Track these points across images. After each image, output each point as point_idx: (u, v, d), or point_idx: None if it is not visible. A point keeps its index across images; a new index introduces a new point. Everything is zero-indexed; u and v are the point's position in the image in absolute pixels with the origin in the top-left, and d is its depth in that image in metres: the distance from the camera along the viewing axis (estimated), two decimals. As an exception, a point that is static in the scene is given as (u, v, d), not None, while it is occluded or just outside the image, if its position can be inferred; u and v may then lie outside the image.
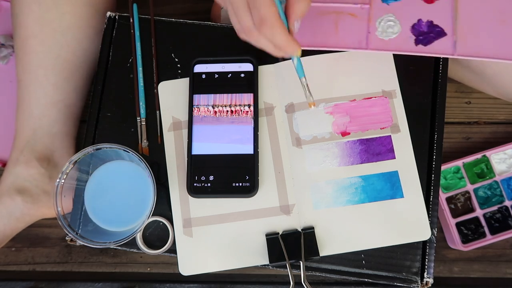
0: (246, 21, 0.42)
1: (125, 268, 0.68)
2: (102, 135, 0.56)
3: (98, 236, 0.50)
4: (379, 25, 0.52)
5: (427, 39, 0.51)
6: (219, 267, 0.52)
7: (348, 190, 0.52)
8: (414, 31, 0.51)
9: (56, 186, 0.49)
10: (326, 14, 0.53)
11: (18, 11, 0.58)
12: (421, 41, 0.51)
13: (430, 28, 0.51)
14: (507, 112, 0.71)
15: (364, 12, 0.53)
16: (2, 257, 0.68)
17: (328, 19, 0.53)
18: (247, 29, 0.43)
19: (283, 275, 0.67)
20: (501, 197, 0.65)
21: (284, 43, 0.43)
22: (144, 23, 0.58)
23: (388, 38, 0.52)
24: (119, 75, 0.57)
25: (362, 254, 0.52)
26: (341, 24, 0.53)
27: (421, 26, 0.51)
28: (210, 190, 0.51)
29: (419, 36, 0.51)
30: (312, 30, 0.53)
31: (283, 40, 0.43)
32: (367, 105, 0.54)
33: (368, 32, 0.52)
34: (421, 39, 0.51)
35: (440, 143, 0.54)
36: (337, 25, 0.52)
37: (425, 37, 0.51)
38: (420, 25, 0.51)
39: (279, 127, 0.54)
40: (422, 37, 0.51)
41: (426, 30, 0.51)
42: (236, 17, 0.43)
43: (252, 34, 0.43)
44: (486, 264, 0.67)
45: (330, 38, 0.53)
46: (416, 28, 0.51)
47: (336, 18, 0.53)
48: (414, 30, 0.51)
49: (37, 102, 0.59)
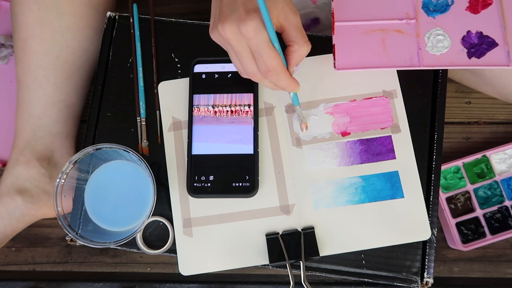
0: (251, 67, 0.44)
1: (125, 268, 0.68)
2: (102, 135, 0.56)
3: (98, 236, 0.50)
4: (428, 40, 0.50)
5: (479, 51, 0.49)
6: (219, 267, 0.52)
7: (348, 190, 0.52)
8: (465, 44, 0.50)
9: (56, 186, 0.49)
10: (371, 32, 0.51)
11: (18, 11, 0.58)
12: (474, 53, 0.49)
13: (480, 40, 0.49)
14: (507, 112, 0.71)
15: (411, 27, 0.51)
16: (2, 257, 0.68)
17: (374, 37, 0.51)
18: (251, 73, 0.44)
19: (283, 275, 0.67)
20: (501, 197, 0.65)
21: (287, 85, 0.45)
22: (144, 23, 0.58)
23: (440, 53, 0.50)
24: (119, 75, 0.57)
25: (362, 254, 0.52)
26: (388, 42, 0.51)
27: (471, 38, 0.50)
28: (210, 190, 0.51)
29: (471, 49, 0.49)
30: (358, 51, 0.51)
31: (286, 83, 0.45)
32: (367, 105, 0.54)
33: (418, 48, 0.50)
34: (473, 51, 0.49)
35: (440, 143, 0.54)
36: (384, 43, 0.51)
37: (477, 49, 0.49)
38: (470, 37, 0.50)
39: (279, 127, 0.54)
40: (474, 50, 0.49)
41: (477, 42, 0.49)
42: (240, 62, 0.44)
43: (256, 77, 0.45)
44: (486, 264, 0.67)
45: (379, 57, 0.51)
46: (466, 40, 0.50)
47: (383, 35, 0.51)
48: (465, 43, 0.50)
49: (37, 102, 0.59)
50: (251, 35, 0.40)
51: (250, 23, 0.40)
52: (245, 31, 0.40)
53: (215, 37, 0.44)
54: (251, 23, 0.40)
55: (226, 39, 0.42)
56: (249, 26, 0.40)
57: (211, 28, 0.45)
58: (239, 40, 0.41)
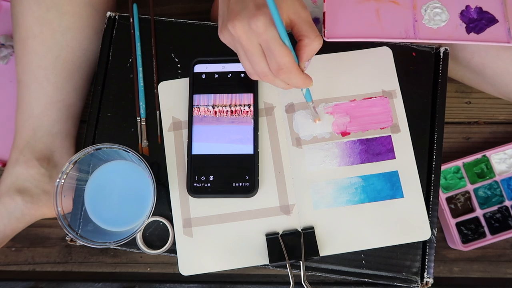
0: (262, 66, 0.43)
1: (125, 268, 0.68)
2: (102, 135, 0.56)
3: (98, 236, 0.50)
4: (425, 12, 0.49)
5: (479, 26, 0.48)
6: (219, 267, 0.52)
7: (348, 190, 0.52)
8: (464, 18, 0.48)
9: (56, 186, 0.49)
10: (364, 2, 0.49)
11: (18, 11, 0.58)
12: (473, 29, 0.48)
13: (480, 15, 0.48)
14: (507, 112, 0.71)
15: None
16: (2, 257, 0.68)
17: (368, 7, 0.50)
18: (262, 74, 0.44)
19: (283, 275, 0.67)
20: (501, 197, 0.65)
21: (299, 82, 0.44)
22: (144, 23, 0.58)
23: (437, 27, 0.49)
24: (119, 75, 0.57)
25: (362, 254, 0.52)
26: (383, 13, 0.49)
27: (470, 13, 0.48)
28: (210, 190, 0.51)
29: (470, 24, 0.48)
30: (352, 21, 0.49)
31: (299, 80, 0.44)
32: (367, 105, 0.54)
33: (415, 21, 0.49)
34: (472, 26, 0.48)
35: (440, 143, 0.54)
36: (379, 14, 0.49)
37: (476, 24, 0.48)
38: (469, 12, 0.48)
39: (279, 127, 0.54)
40: (473, 25, 0.48)
41: (476, 17, 0.48)
42: (250, 62, 0.43)
43: (268, 77, 0.44)
44: (486, 264, 0.67)
45: (372, 28, 0.49)
46: (465, 15, 0.48)
47: (377, 5, 0.49)
48: (464, 17, 0.48)
49: (37, 102, 0.59)
50: (261, 30, 0.40)
51: (261, 18, 0.39)
52: (255, 27, 0.39)
53: (225, 37, 0.43)
54: (262, 19, 0.39)
55: (237, 37, 0.41)
56: (259, 22, 0.39)
57: (220, 28, 0.44)
58: (249, 37, 0.41)
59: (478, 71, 0.60)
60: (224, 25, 0.42)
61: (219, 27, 0.44)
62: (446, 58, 0.55)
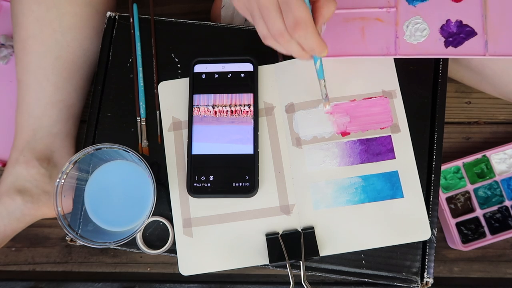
0: (277, 24, 0.42)
1: (125, 268, 0.68)
2: (102, 135, 0.56)
3: (98, 236, 0.50)
4: (407, 28, 0.51)
5: (457, 40, 0.49)
6: (219, 267, 0.52)
7: (348, 190, 0.52)
8: (444, 33, 0.50)
9: (56, 186, 0.49)
10: (351, 21, 0.52)
11: (18, 11, 0.58)
12: (451, 42, 0.50)
13: (459, 29, 0.49)
14: (507, 112, 0.71)
15: (390, 16, 0.51)
16: (2, 257, 0.68)
17: (354, 26, 0.52)
18: (278, 32, 0.43)
19: (283, 275, 0.67)
20: (501, 197, 0.65)
21: (316, 44, 0.43)
22: (144, 23, 0.58)
23: (417, 42, 0.50)
24: (119, 75, 0.57)
25: (362, 254, 0.52)
26: (367, 30, 0.51)
27: (450, 27, 0.50)
28: (210, 190, 0.51)
29: (449, 38, 0.50)
30: (338, 39, 0.52)
31: (315, 41, 0.43)
32: (367, 105, 0.54)
33: (396, 37, 0.51)
34: (451, 40, 0.49)
35: (440, 143, 0.54)
36: (363, 31, 0.51)
37: (455, 38, 0.49)
38: (449, 26, 0.50)
39: (279, 127, 0.54)
40: (451, 39, 0.49)
41: (455, 31, 0.50)
42: (266, 22, 0.43)
43: (283, 38, 0.43)
44: (486, 264, 0.67)
45: (357, 46, 0.51)
46: (445, 29, 0.50)
47: (362, 24, 0.51)
48: (443, 32, 0.50)
49: (37, 102, 0.59)
50: None
51: None
52: None
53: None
54: None
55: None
56: None
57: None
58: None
59: (478, 71, 0.60)
60: None
61: None
62: (446, 58, 0.55)
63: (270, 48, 0.47)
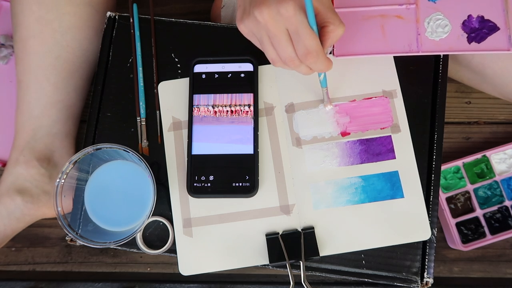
0: (288, 51, 0.44)
1: (125, 268, 0.68)
2: (102, 135, 0.56)
3: (98, 236, 0.50)
4: (428, 25, 0.50)
5: (480, 36, 0.49)
6: (219, 267, 0.52)
7: (348, 190, 0.52)
8: (466, 28, 0.49)
9: (56, 186, 0.49)
10: (371, 19, 0.51)
11: (18, 11, 0.58)
12: (474, 38, 0.49)
13: (481, 24, 0.49)
14: (507, 112, 0.71)
15: (410, 12, 0.51)
16: (2, 257, 0.68)
17: (374, 23, 0.51)
18: (288, 59, 0.45)
19: (283, 275, 0.67)
20: (501, 197, 0.65)
21: (324, 66, 0.45)
22: (144, 23, 0.58)
23: (439, 38, 0.50)
24: (119, 75, 0.57)
25: (362, 254, 0.52)
26: (387, 28, 0.51)
27: (472, 23, 0.49)
28: (210, 190, 0.51)
29: (471, 33, 0.49)
30: (357, 37, 0.51)
31: (324, 64, 0.45)
32: (367, 105, 0.54)
33: (418, 34, 0.50)
34: (474, 36, 0.49)
35: (440, 143, 0.54)
36: (383, 29, 0.51)
37: (477, 33, 0.49)
38: (470, 22, 0.49)
39: (279, 127, 0.54)
40: (474, 34, 0.49)
41: (477, 26, 0.49)
42: (276, 48, 0.45)
43: (293, 63, 0.45)
44: (486, 264, 0.67)
45: (378, 44, 0.51)
46: (467, 25, 0.49)
47: (382, 21, 0.51)
48: (465, 27, 0.49)
49: (37, 102, 0.59)
50: (291, 14, 0.41)
51: (290, 3, 0.40)
52: (284, 11, 0.41)
53: (247, 25, 0.44)
54: (291, 3, 0.40)
55: (263, 23, 0.42)
56: (289, 6, 0.40)
57: (241, 18, 0.45)
58: (277, 22, 0.42)
59: (478, 71, 0.60)
60: (246, 13, 0.43)
61: (238, 17, 0.45)
62: (446, 58, 0.55)
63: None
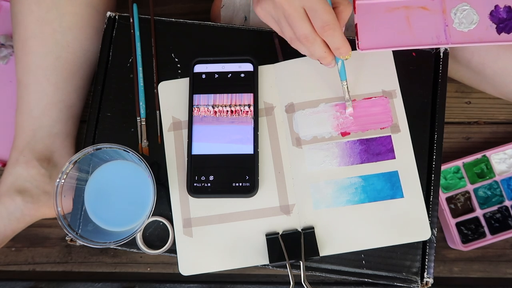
0: (304, 28, 0.45)
1: (125, 268, 0.68)
2: (102, 135, 0.56)
3: (98, 236, 0.50)
4: (455, 16, 0.49)
5: (509, 26, 0.48)
6: (219, 267, 0.52)
7: (348, 190, 0.52)
8: (494, 19, 0.48)
9: (56, 186, 0.49)
10: (394, 10, 0.50)
11: (18, 11, 0.58)
12: (503, 28, 0.48)
13: (509, 14, 0.48)
14: (507, 112, 0.71)
15: (435, 3, 0.49)
16: (2, 257, 0.68)
17: (398, 15, 0.50)
18: (304, 36, 0.46)
19: (283, 275, 0.67)
20: (501, 197, 0.65)
21: (342, 43, 0.46)
22: (144, 23, 0.58)
23: (467, 30, 0.49)
24: (119, 75, 0.57)
25: (362, 254, 0.52)
26: (413, 20, 0.50)
27: (499, 13, 0.48)
28: (210, 190, 0.51)
29: (500, 24, 0.48)
30: (381, 30, 0.50)
31: (342, 40, 0.46)
32: (367, 105, 0.54)
33: (445, 25, 0.49)
34: (502, 26, 0.48)
35: (440, 143, 0.54)
36: (409, 21, 0.49)
37: (506, 24, 0.48)
38: (498, 12, 0.48)
39: (279, 127, 0.54)
40: (503, 25, 0.48)
41: (506, 17, 0.48)
42: (292, 27, 0.46)
43: (309, 40, 0.46)
44: (486, 264, 0.67)
45: (404, 36, 0.50)
46: (494, 15, 0.48)
47: (407, 13, 0.50)
48: (493, 18, 0.48)
49: (37, 102, 0.59)
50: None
51: None
52: None
53: (264, 7, 0.47)
54: None
55: (279, 4, 0.45)
56: None
57: (257, 1, 0.47)
58: (293, 1, 0.44)
59: (478, 71, 0.60)
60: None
61: (255, 0, 0.47)
62: (446, 58, 0.55)
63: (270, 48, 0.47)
